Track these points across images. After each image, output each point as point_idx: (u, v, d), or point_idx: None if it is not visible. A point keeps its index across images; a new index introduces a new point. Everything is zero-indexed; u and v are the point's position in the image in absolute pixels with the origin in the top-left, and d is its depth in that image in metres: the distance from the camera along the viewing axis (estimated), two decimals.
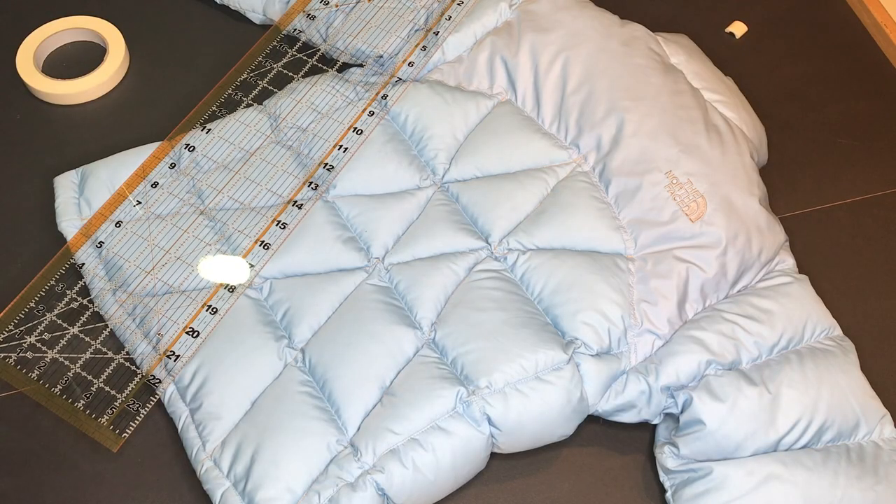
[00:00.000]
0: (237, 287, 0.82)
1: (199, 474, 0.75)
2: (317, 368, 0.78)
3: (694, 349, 0.79)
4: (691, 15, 1.10)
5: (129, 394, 0.78)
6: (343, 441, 0.75)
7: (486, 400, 0.76)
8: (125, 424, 0.77)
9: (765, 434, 0.77)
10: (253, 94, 0.95)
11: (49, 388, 0.78)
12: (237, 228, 0.85)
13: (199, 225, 0.86)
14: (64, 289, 0.84)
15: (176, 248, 0.84)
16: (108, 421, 0.77)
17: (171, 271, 0.83)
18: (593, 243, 0.84)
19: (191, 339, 0.79)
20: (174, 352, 0.79)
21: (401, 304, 0.82)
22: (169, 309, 0.81)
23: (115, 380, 0.79)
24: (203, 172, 0.89)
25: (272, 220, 0.86)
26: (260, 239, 0.84)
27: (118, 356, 0.81)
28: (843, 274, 0.92)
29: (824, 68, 1.07)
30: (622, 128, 0.88)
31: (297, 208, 0.86)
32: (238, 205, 0.87)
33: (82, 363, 0.80)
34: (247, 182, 0.88)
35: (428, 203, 0.88)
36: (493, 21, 0.97)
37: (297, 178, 0.88)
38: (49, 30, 1.01)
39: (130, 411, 0.78)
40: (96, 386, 0.79)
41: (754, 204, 0.86)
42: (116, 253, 0.84)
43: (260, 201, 0.87)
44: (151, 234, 0.85)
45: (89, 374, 0.79)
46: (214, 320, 0.80)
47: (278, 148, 0.90)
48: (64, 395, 0.78)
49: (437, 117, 0.91)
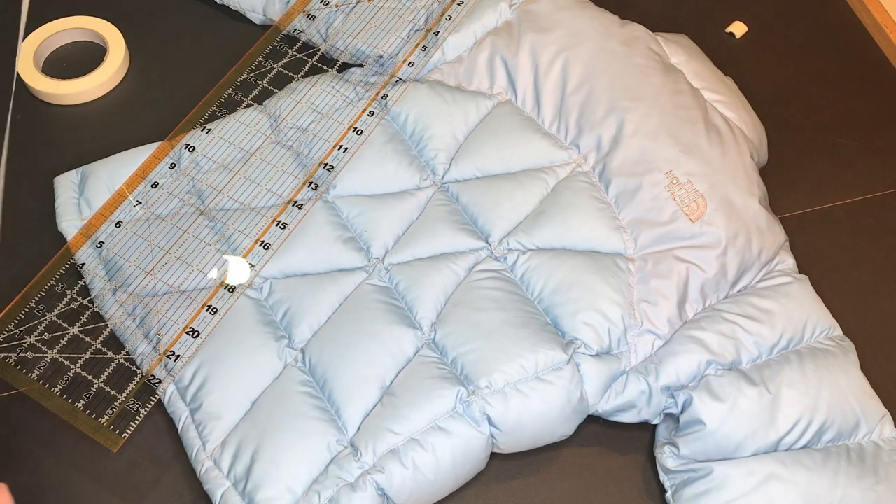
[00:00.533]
0: (237, 287, 0.82)
1: (200, 474, 0.75)
2: (317, 368, 0.78)
3: (694, 349, 0.79)
4: (691, 15, 1.10)
5: (129, 394, 0.78)
6: (343, 441, 0.75)
7: (486, 400, 0.76)
8: (125, 424, 0.77)
9: (765, 434, 0.77)
10: (253, 94, 0.95)
11: (49, 388, 0.78)
12: (237, 228, 0.85)
13: (199, 225, 0.86)
14: (64, 289, 0.84)
15: (176, 248, 0.84)
16: (109, 421, 0.77)
17: (171, 271, 0.83)
18: (593, 243, 0.84)
19: (191, 339, 0.79)
20: (174, 352, 0.79)
21: (401, 304, 0.82)
22: (169, 309, 0.81)
23: (115, 380, 0.79)
24: (203, 172, 0.89)
25: (272, 220, 0.86)
26: (260, 239, 0.84)
27: (118, 356, 0.81)
28: (843, 274, 0.92)
29: (824, 68, 1.07)
30: (622, 128, 0.88)
31: (297, 208, 0.86)
32: (238, 205, 0.87)
33: (82, 363, 0.80)
34: (247, 182, 0.88)
35: (428, 203, 0.88)
36: (493, 21, 0.97)
37: (297, 179, 0.88)
38: (49, 30, 1.01)
39: (130, 411, 0.78)
40: (96, 386, 0.79)
41: (754, 204, 0.86)
42: (116, 253, 0.84)
43: (260, 201, 0.87)
44: (151, 234, 0.85)
45: (89, 375, 0.79)
46: (215, 320, 0.80)
47: (278, 148, 0.90)
48: (64, 395, 0.78)
49: (437, 117, 0.91)
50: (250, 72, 0.97)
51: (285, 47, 0.99)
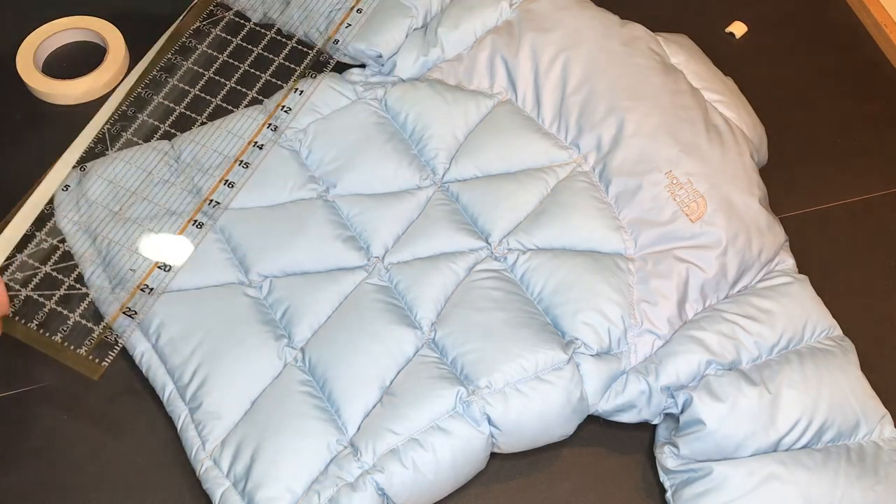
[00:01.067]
0: (205, 223, 0.84)
1: (199, 474, 0.75)
2: (317, 368, 0.78)
3: (694, 349, 0.79)
4: (691, 15, 1.10)
5: (106, 323, 0.79)
6: (343, 441, 0.75)
7: (486, 400, 0.76)
8: (104, 354, 0.78)
9: (765, 434, 0.77)
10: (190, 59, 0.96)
11: (25, 323, 0.79)
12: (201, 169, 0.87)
13: (164, 165, 0.88)
14: (34, 230, 0.84)
15: (142, 188, 0.86)
16: (88, 351, 0.78)
17: (138, 209, 0.85)
18: (593, 243, 0.84)
19: (163, 273, 0.81)
20: (147, 285, 0.80)
21: (401, 303, 0.82)
22: (140, 246, 0.83)
23: (91, 313, 0.80)
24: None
25: (235, 160, 0.88)
26: (224, 178, 0.87)
27: (93, 291, 0.82)
28: (843, 274, 0.92)
29: (824, 68, 1.07)
30: (622, 128, 0.88)
31: (258, 149, 0.89)
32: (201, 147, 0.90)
33: (57, 299, 0.81)
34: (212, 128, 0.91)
35: (428, 203, 0.88)
36: (493, 20, 0.97)
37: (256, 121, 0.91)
38: (49, 30, 1.01)
39: (108, 342, 0.79)
40: (73, 320, 0.80)
41: (754, 204, 0.86)
42: (86, 196, 0.86)
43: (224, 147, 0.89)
44: (117, 176, 0.87)
45: (65, 309, 0.80)
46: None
47: None
48: (41, 329, 0.79)
49: (437, 116, 0.91)
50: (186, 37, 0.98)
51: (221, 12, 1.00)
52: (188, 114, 0.93)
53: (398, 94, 0.93)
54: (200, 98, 0.94)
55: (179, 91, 0.94)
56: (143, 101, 0.93)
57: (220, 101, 0.94)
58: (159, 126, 0.92)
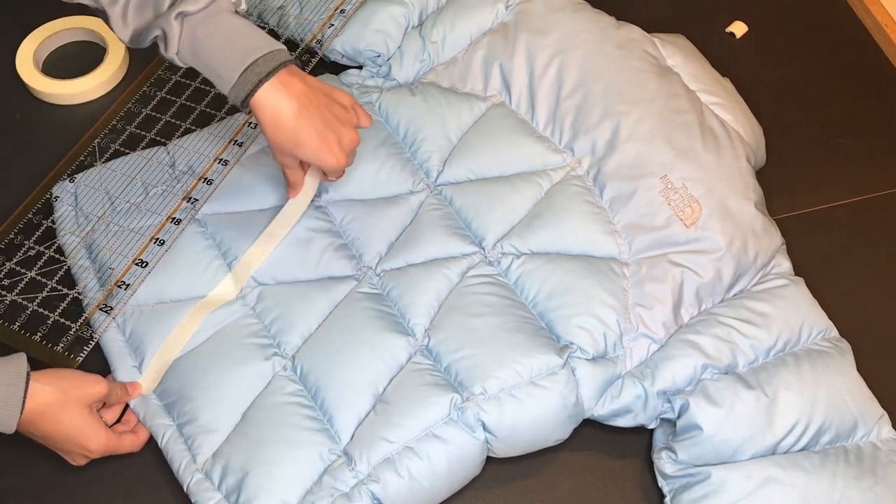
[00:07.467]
0: (181, 220, 0.86)
1: (188, 487, 0.75)
2: (308, 376, 0.78)
3: (690, 353, 0.79)
4: (691, 15, 1.10)
5: (82, 322, 0.82)
6: (336, 450, 0.75)
7: (480, 406, 0.75)
8: (79, 350, 0.81)
9: (762, 437, 0.77)
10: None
11: (9, 326, 0.82)
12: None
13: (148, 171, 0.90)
14: (22, 239, 0.87)
15: (125, 193, 0.89)
16: (64, 348, 0.81)
17: (121, 214, 0.87)
18: (587, 248, 0.84)
19: (140, 270, 0.83)
20: (125, 281, 0.82)
21: (392, 310, 0.81)
22: (119, 245, 0.85)
23: (69, 312, 0.84)
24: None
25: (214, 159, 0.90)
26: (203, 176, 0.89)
27: (72, 291, 0.84)
28: (842, 275, 0.92)
29: (824, 68, 1.06)
30: (617, 132, 0.88)
31: (237, 146, 0.91)
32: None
33: (39, 301, 0.84)
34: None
35: (421, 207, 0.87)
36: (489, 22, 0.97)
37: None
38: (49, 30, 1.01)
39: (83, 337, 0.81)
40: (52, 319, 0.83)
41: (750, 208, 0.86)
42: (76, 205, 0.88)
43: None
44: (103, 183, 0.90)
45: (46, 310, 0.83)
46: (161, 251, 0.84)
47: None
48: (23, 330, 0.82)
49: (430, 119, 0.91)
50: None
51: None
52: (174, 122, 0.95)
53: (391, 97, 0.93)
54: (186, 106, 0.96)
55: (165, 101, 0.97)
56: (132, 113, 0.96)
57: (205, 108, 0.96)
58: (145, 135, 0.95)
